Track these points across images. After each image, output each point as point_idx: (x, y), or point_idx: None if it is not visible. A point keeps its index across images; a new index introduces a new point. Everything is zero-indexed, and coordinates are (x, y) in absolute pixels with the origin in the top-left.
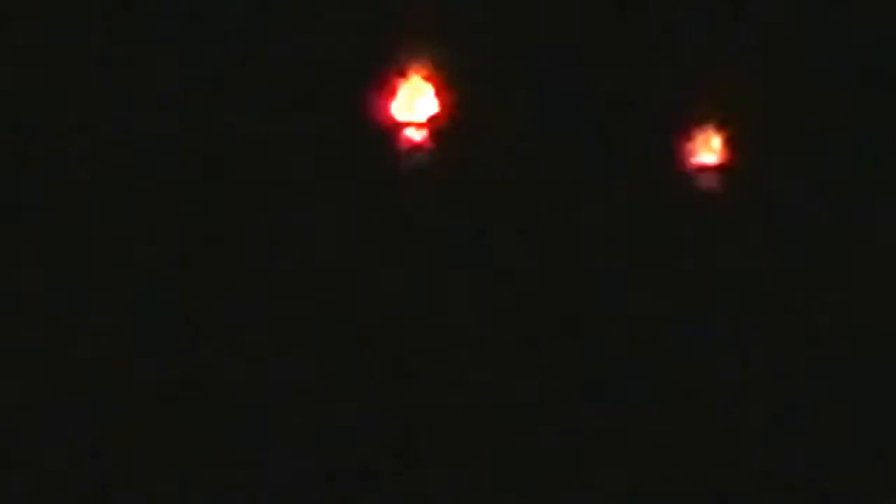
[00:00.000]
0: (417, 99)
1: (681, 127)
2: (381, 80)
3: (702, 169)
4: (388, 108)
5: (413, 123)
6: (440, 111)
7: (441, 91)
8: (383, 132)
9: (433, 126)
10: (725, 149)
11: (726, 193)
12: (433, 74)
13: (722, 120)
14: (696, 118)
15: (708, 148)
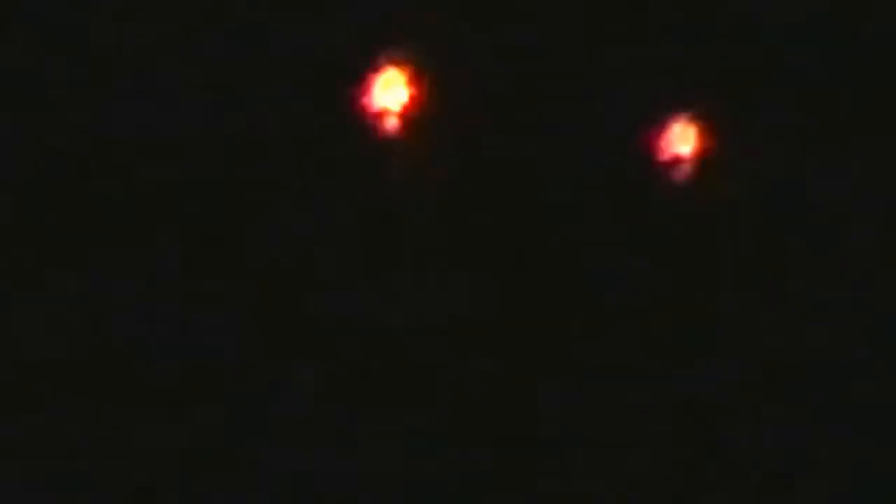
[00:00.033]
0: (393, 89)
1: (656, 118)
2: (359, 73)
3: (677, 160)
4: (365, 100)
5: (389, 113)
6: (415, 101)
7: (416, 81)
8: (361, 124)
9: (408, 116)
10: (701, 140)
11: (701, 185)
12: (409, 65)
13: (698, 110)
14: (672, 109)
15: (683, 139)
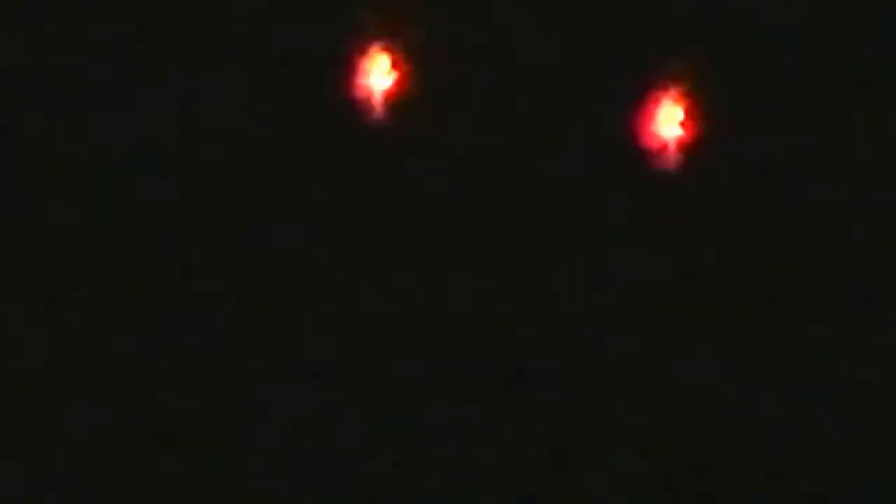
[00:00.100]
0: (378, 75)
1: (644, 101)
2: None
3: (664, 144)
4: (355, 85)
5: (374, 98)
6: (399, 86)
7: (401, 66)
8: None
9: (392, 101)
10: (688, 123)
11: (688, 169)
12: (395, 50)
13: (684, 94)
14: (659, 93)
15: (671, 123)
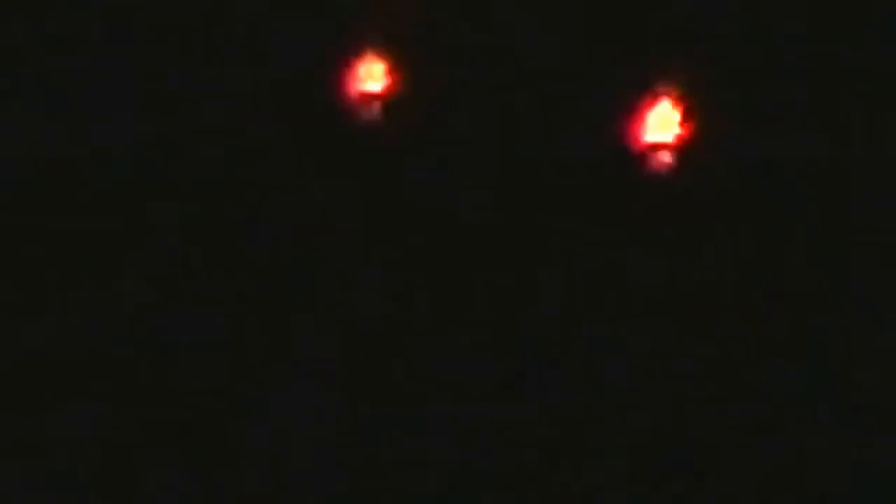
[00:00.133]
0: (378, 75)
1: (643, 101)
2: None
3: (656, 147)
4: (355, 85)
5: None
6: (399, 87)
7: (401, 66)
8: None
9: (392, 101)
10: (687, 123)
11: (688, 169)
12: (386, 51)
13: (683, 94)
14: (653, 94)
15: (665, 125)
